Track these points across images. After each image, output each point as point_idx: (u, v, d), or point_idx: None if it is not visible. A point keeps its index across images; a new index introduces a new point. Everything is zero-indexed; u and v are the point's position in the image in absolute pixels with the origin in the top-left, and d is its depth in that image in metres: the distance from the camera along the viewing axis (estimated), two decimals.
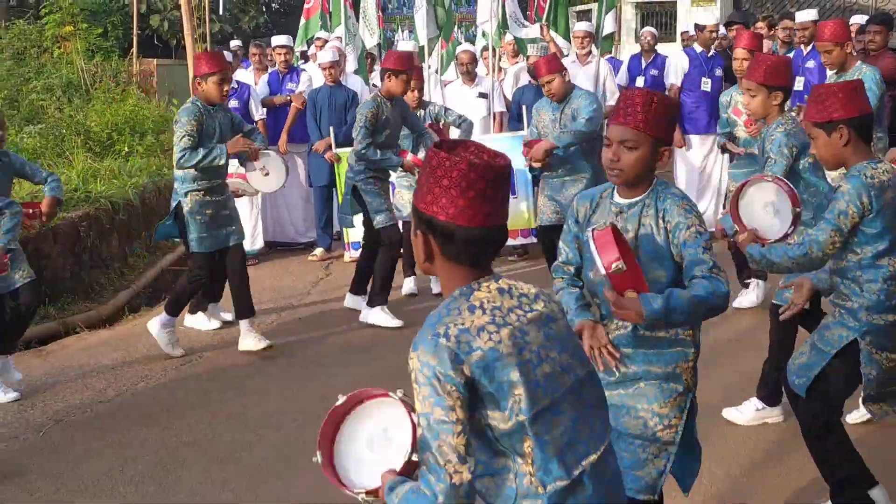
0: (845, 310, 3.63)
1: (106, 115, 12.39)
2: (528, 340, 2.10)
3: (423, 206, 2.13)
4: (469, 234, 2.09)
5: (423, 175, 2.16)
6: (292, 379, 6.21)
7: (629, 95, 3.01)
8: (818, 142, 3.68)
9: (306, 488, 4.56)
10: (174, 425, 5.40)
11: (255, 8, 23.99)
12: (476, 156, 2.10)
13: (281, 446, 5.12)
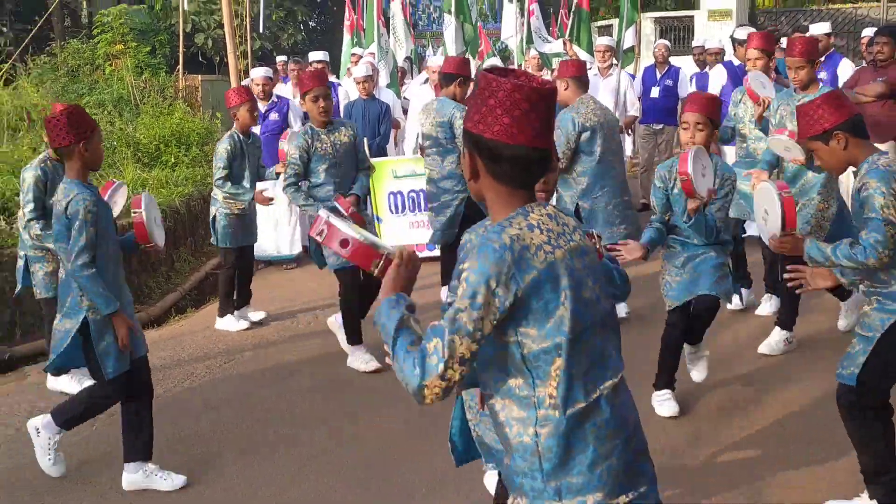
0: (883, 295, 3.59)
1: (154, 128, 12.52)
2: (575, 266, 2.12)
3: (470, 125, 2.15)
4: (514, 151, 2.10)
5: (472, 98, 2.20)
6: (331, 376, 6.19)
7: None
8: (820, 153, 3.71)
9: (347, 485, 4.58)
10: (220, 420, 5.44)
11: (293, 26, 24.08)
12: (522, 80, 2.11)
13: (323, 442, 5.12)
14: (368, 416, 5.43)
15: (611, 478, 2.12)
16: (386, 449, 4.96)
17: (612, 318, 2.28)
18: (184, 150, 12.07)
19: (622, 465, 2.15)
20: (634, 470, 2.19)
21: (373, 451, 4.94)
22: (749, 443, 4.79)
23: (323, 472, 4.72)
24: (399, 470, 4.68)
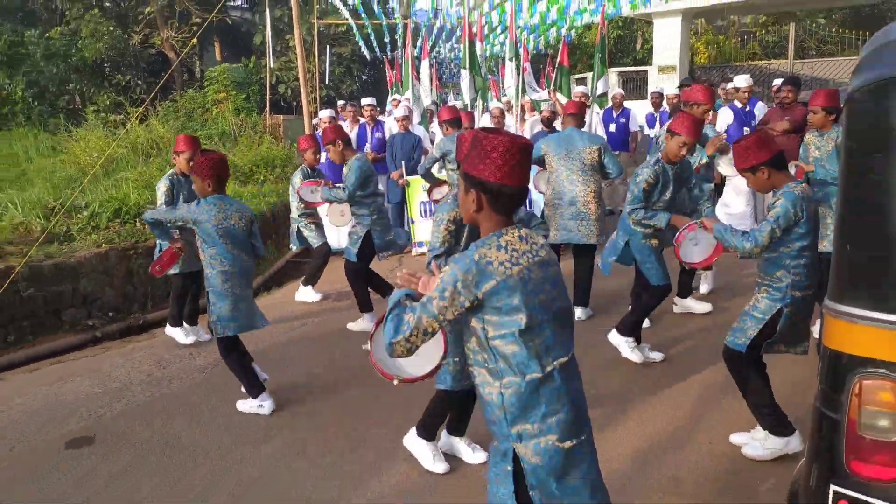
0: (774, 287, 3.63)
1: (247, 154, 12.64)
2: (532, 277, 2.18)
3: (475, 172, 2.21)
4: (511, 191, 2.20)
5: (473, 150, 2.24)
6: None
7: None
8: (751, 181, 3.75)
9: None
10: (310, 362, 5.44)
11: (349, 78, 24.12)
12: (512, 139, 2.20)
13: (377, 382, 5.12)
14: None
15: (559, 427, 2.20)
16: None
17: (566, 314, 2.31)
18: (270, 170, 12.17)
19: (569, 418, 2.21)
20: (578, 423, 2.25)
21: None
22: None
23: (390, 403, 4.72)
24: None
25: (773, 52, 25.76)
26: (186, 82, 22.54)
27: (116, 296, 6.99)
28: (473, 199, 2.24)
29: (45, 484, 3.83)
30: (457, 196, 3.42)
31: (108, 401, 4.92)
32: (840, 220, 2.07)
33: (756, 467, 3.68)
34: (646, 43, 25.50)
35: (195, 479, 3.80)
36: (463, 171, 2.28)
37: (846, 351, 2.02)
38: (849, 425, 2.00)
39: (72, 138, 15.00)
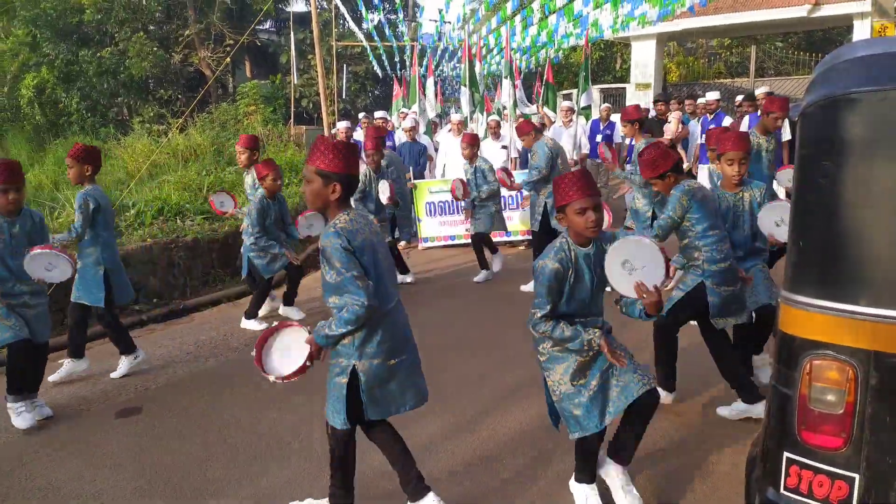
0: (694, 265, 3.78)
1: (275, 160, 12.60)
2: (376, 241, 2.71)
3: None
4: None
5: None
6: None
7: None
8: (658, 185, 3.88)
9: None
10: None
11: (364, 94, 24.08)
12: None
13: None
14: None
15: (388, 350, 2.72)
16: None
17: (389, 262, 2.80)
18: (294, 175, 12.16)
19: (396, 344, 2.75)
20: (401, 347, 2.77)
21: None
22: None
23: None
24: None
25: (736, 72, 25.66)
26: (221, 96, 22.49)
27: (160, 284, 6.99)
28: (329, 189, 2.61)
29: (101, 445, 3.87)
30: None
31: (154, 376, 4.94)
32: (793, 219, 2.07)
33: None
34: (624, 63, 25.41)
35: (228, 443, 3.82)
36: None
37: (799, 335, 2.02)
38: (800, 400, 2.00)
39: (120, 146, 15.01)
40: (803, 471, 1.99)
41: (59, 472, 3.56)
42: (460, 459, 3.52)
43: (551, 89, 10.91)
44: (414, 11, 26.42)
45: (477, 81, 10.79)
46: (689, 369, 4.19)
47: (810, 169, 1.99)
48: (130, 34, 19.85)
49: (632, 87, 20.28)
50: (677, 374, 4.03)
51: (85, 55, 19.60)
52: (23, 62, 20.26)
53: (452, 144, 9.47)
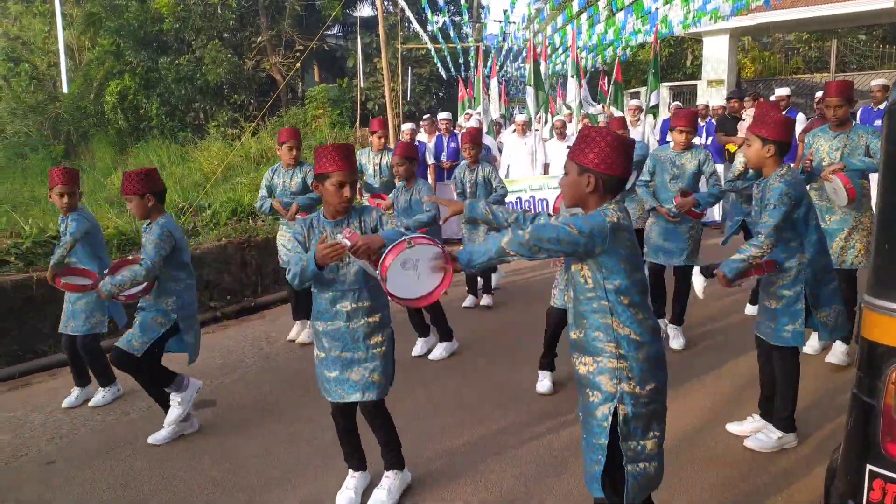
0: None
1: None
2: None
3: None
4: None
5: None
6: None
7: (580, 130, 2.40)
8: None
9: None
10: None
11: (428, 95, 24.30)
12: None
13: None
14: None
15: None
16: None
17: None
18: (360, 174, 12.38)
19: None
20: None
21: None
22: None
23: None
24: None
25: (815, 67, 24.51)
26: (290, 101, 23.15)
27: (233, 282, 7.25)
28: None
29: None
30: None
31: (228, 370, 5.13)
32: (879, 220, 1.98)
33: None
34: (695, 59, 24.67)
35: (296, 437, 3.93)
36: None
37: (883, 342, 1.93)
38: (885, 410, 1.90)
39: (196, 149, 15.68)
40: (888, 485, 1.90)
41: (140, 461, 3.75)
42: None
43: (619, 88, 10.73)
44: (479, 12, 26.44)
45: (542, 81, 10.72)
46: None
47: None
48: (206, 42, 20.68)
49: (703, 85, 19.66)
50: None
51: (164, 62, 20.55)
52: (107, 70, 21.43)
53: (517, 145, 9.44)
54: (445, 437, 3.82)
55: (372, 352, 2.98)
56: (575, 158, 2.23)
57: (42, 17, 23.26)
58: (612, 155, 2.18)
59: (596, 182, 2.19)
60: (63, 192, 4.28)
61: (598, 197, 2.22)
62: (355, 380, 2.99)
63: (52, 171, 4.33)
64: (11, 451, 3.90)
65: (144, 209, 3.77)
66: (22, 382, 5.05)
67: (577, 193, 2.25)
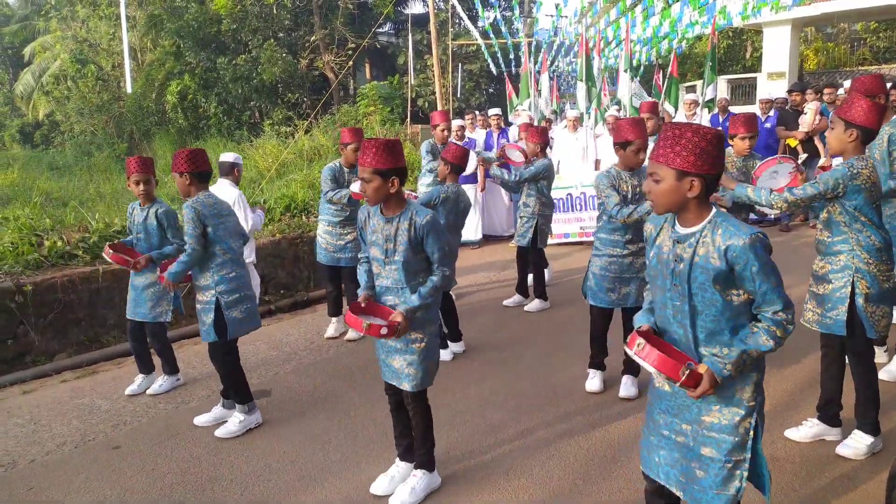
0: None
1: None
2: None
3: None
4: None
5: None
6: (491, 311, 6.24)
7: (663, 131, 2.09)
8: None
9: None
10: None
11: (479, 92, 24.27)
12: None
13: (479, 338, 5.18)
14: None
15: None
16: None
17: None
18: (410, 172, 12.47)
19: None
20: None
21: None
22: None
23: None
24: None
25: (884, 57, 23.41)
26: (342, 98, 23.47)
27: (287, 276, 7.42)
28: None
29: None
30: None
31: (281, 362, 5.27)
32: None
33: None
34: (755, 51, 23.90)
35: (347, 428, 4.01)
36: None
37: None
38: None
39: (252, 146, 16.06)
40: None
41: (199, 448, 3.89)
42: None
43: (675, 83, 10.50)
44: (530, 7, 26.25)
45: (594, 76, 10.58)
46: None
47: None
48: (262, 42, 21.16)
49: (763, 77, 19.05)
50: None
51: (222, 62, 21.12)
52: (168, 70, 22.17)
53: (568, 140, 9.36)
54: (493, 433, 3.84)
55: (411, 346, 3.07)
56: (669, 162, 2.01)
57: (107, 20, 24.23)
58: (713, 153, 2.00)
59: (701, 185, 2.01)
60: (139, 179, 4.42)
61: (698, 201, 2.05)
62: (395, 367, 3.12)
63: (129, 160, 4.49)
64: (81, 436, 4.11)
65: (185, 187, 3.91)
66: (89, 371, 5.29)
67: (677, 200, 2.05)
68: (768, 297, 2.00)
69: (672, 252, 2.13)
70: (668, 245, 2.14)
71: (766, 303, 2.01)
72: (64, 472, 3.67)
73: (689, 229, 2.09)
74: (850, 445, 3.36)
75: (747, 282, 2.00)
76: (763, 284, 1.99)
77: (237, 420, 4.03)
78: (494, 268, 8.06)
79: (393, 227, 2.97)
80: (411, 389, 3.10)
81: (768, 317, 2.03)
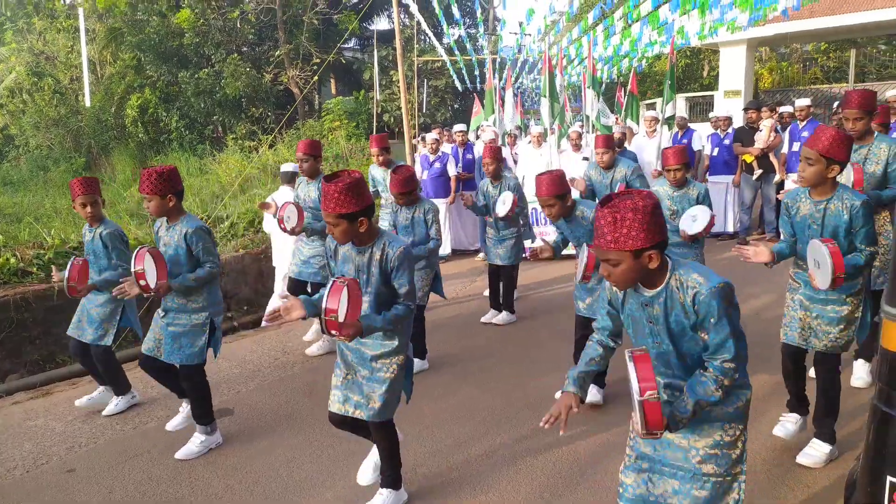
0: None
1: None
2: None
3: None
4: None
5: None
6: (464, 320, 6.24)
7: (598, 217, 2.01)
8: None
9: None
10: None
11: (444, 107, 24.42)
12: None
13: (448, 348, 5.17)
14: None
15: None
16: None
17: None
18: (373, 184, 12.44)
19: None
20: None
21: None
22: None
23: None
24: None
25: (834, 77, 24.33)
26: (307, 113, 23.36)
27: (250, 292, 7.32)
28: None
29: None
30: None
31: (245, 379, 5.17)
32: None
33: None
34: (712, 70, 24.59)
35: (313, 445, 3.95)
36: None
37: None
38: None
39: (215, 161, 15.86)
40: None
41: (158, 469, 3.78)
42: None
43: (635, 100, 10.73)
44: (495, 25, 26.59)
45: (557, 93, 10.74)
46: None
47: None
48: (225, 56, 20.97)
49: (720, 95, 19.58)
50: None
51: (184, 76, 20.85)
52: (128, 84, 21.79)
53: (532, 156, 9.46)
54: (460, 448, 3.82)
55: (377, 374, 2.99)
56: (622, 247, 1.98)
57: (66, 33, 23.72)
58: (657, 220, 2.00)
59: (658, 254, 2.03)
60: (85, 201, 4.30)
61: (659, 265, 2.06)
62: (355, 400, 3.03)
63: (72, 182, 4.36)
64: (33, 459, 3.96)
65: (165, 209, 3.71)
66: (43, 392, 5.12)
67: (639, 276, 2.06)
68: (722, 348, 2.03)
69: (643, 315, 2.15)
70: (638, 307, 2.16)
71: (718, 352, 2.04)
72: (15, 498, 3.52)
73: (655, 290, 2.09)
74: (810, 454, 3.43)
75: (705, 331, 2.04)
76: (718, 336, 2.01)
77: (198, 441, 3.94)
78: (462, 281, 8.07)
79: (365, 258, 2.89)
80: (367, 419, 3.01)
81: (716, 365, 2.05)
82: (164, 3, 21.35)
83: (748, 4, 11.68)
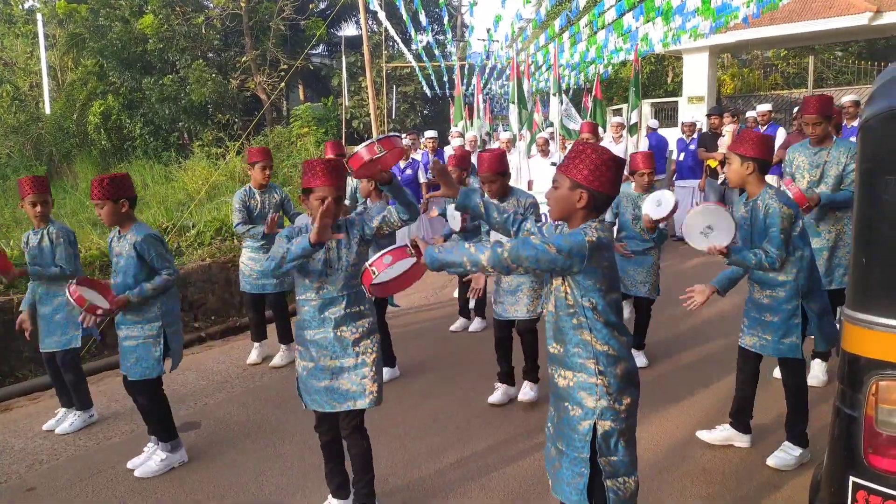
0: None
1: None
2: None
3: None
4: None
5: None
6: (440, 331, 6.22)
7: (574, 145, 2.26)
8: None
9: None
10: None
11: (413, 113, 24.41)
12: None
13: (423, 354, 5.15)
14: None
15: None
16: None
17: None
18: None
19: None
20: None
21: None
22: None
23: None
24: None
25: (793, 83, 24.98)
26: (275, 119, 23.14)
27: (217, 301, 7.20)
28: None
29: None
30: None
31: (212, 391, 5.08)
32: (857, 236, 2.01)
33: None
34: (676, 76, 25.04)
35: (283, 457, 3.89)
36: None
37: (863, 354, 1.95)
38: (866, 422, 1.93)
39: (181, 168, 15.61)
40: (871, 496, 1.91)
41: (123, 486, 3.68)
42: None
43: (600, 105, 10.85)
44: (463, 31, 26.71)
45: (525, 99, 10.81)
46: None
47: (871, 184, 1.93)
48: (190, 62, 20.67)
49: (684, 101, 19.95)
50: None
51: (148, 83, 20.48)
52: (91, 90, 21.32)
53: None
54: (432, 459, 3.80)
55: (362, 357, 2.93)
56: (567, 173, 2.17)
57: (24, 38, 23.16)
58: (606, 173, 2.13)
59: (588, 198, 2.15)
60: (35, 200, 4.18)
61: (585, 213, 2.17)
62: (346, 388, 2.93)
63: (22, 181, 4.23)
64: None
65: (118, 215, 3.57)
66: (2, 407, 4.96)
67: (566, 207, 2.19)
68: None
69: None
70: None
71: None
72: None
73: None
74: (780, 457, 3.47)
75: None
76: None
77: (158, 458, 3.82)
78: (429, 289, 8.05)
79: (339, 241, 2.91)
80: (368, 406, 2.94)
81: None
82: (126, 8, 20.97)
83: (710, 12, 11.92)
